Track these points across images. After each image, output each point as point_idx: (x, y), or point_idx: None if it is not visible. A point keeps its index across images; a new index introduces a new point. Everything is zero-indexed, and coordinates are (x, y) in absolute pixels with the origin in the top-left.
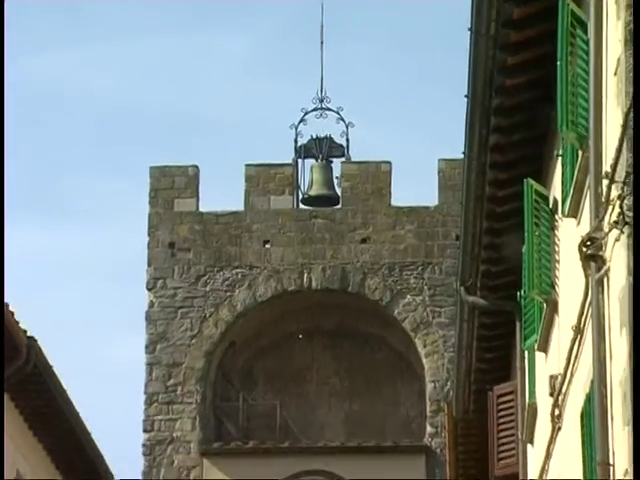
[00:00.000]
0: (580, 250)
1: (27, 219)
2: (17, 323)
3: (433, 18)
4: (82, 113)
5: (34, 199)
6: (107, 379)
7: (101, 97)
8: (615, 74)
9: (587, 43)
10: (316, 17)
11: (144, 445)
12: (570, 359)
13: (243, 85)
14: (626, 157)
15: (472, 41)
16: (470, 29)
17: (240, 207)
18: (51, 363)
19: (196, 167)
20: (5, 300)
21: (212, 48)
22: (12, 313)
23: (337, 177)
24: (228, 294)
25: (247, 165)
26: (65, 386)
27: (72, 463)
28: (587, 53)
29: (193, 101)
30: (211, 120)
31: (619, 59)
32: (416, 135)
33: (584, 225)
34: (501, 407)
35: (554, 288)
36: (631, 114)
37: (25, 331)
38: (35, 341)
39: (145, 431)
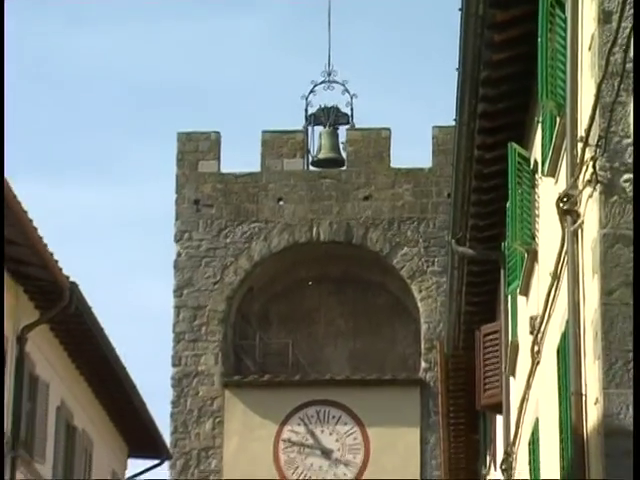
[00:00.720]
0: (557, 206)
1: (70, 179)
2: (60, 269)
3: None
4: (118, 86)
5: (78, 161)
6: (140, 320)
7: (133, 72)
8: (589, 49)
9: (565, 21)
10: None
11: (173, 378)
12: (548, 302)
13: (259, 61)
14: (598, 123)
15: (462, 20)
16: (461, 9)
17: (257, 168)
18: (90, 305)
19: (218, 133)
20: (49, 249)
21: (231, 29)
22: (56, 261)
23: (342, 142)
24: (246, 245)
25: (263, 131)
26: (103, 325)
27: (109, 393)
28: (565, 30)
29: (215, 76)
30: (231, 92)
31: (593, 35)
32: (413, 104)
33: (561, 183)
34: (487, 345)
35: (534, 239)
36: (603, 84)
37: (67, 277)
38: (76, 285)
39: (174, 365)
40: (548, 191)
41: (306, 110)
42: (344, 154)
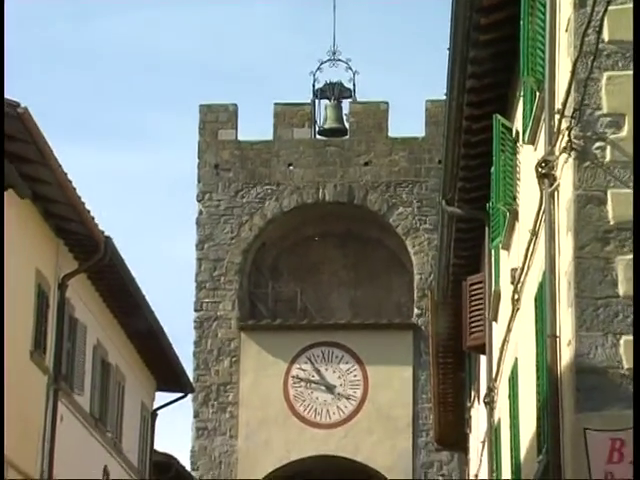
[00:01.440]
0: (536, 170)
1: (106, 145)
2: (96, 225)
3: None
4: (149, 64)
5: (113, 130)
6: (166, 271)
7: (162, 50)
8: (566, 30)
9: (544, 6)
10: None
11: (195, 321)
12: (527, 255)
13: (272, 41)
14: (574, 97)
15: (453, 5)
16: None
17: (269, 137)
18: (123, 257)
19: (235, 105)
20: (87, 207)
21: (247, 13)
22: (93, 217)
23: (346, 114)
24: (260, 205)
25: (275, 104)
26: (134, 275)
27: (139, 334)
28: (544, 14)
29: (233, 54)
30: (247, 69)
31: (569, 19)
32: (408, 80)
33: (540, 150)
34: (472, 293)
35: (515, 200)
36: (578, 62)
37: (103, 232)
38: (110, 239)
39: (196, 311)
40: (528, 157)
41: (313, 85)
42: (347, 124)
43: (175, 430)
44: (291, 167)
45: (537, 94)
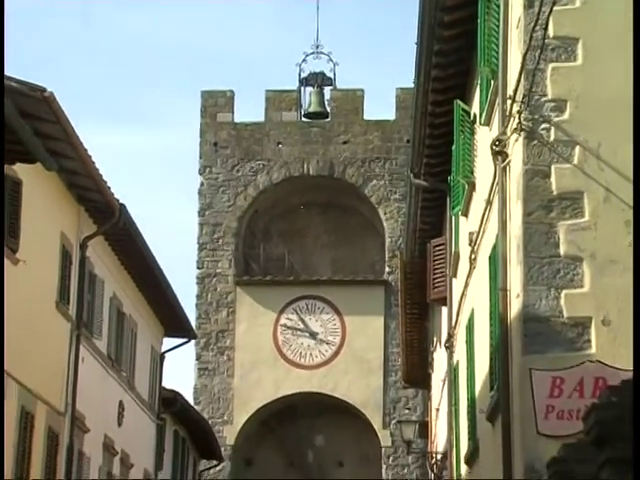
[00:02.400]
0: (491, 148)
1: (121, 124)
2: (112, 194)
3: None
4: (158, 55)
5: (127, 112)
6: (172, 234)
7: (168, 43)
8: (517, 28)
9: (498, 7)
10: None
11: (197, 277)
12: (482, 221)
13: (263, 36)
14: (523, 85)
15: (420, 4)
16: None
17: (261, 119)
18: (135, 221)
19: (232, 91)
20: (104, 178)
21: (242, 10)
22: (109, 187)
23: (327, 100)
24: (253, 178)
25: (266, 90)
26: (144, 236)
27: (150, 287)
28: (498, 14)
29: (230, 46)
30: (242, 59)
31: (520, 17)
32: (381, 70)
33: (494, 131)
34: (436, 253)
35: (473, 174)
36: (527, 55)
37: (118, 199)
38: (124, 206)
39: (198, 268)
40: (484, 137)
41: (299, 74)
42: (328, 109)
43: (180, 370)
44: (280, 145)
45: (492, 82)
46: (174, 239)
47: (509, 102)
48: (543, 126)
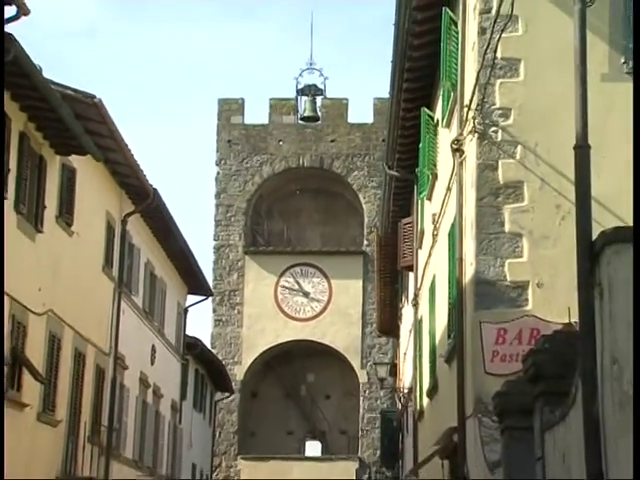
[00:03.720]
0: (451, 146)
1: (155, 125)
2: (147, 180)
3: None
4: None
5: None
6: (194, 212)
7: (191, 58)
8: (472, 50)
9: (457, 33)
10: (308, 17)
11: (214, 247)
12: (443, 204)
13: (269, 56)
14: (477, 96)
15: (395, 31)
16: (394, 24)
17: (266, 121)
18: (165, 202)
19: (242, 99)
20: (141, 167)
21: (252, 35)
22: (145, 175)
23: (319, 106)
24: (259, 168)
25: (270, 98)
26: (173, 214)
27: (176, 255)
28: (457, 39)
29: (242, 64)
30: (252, 74)
31: (474, 42)
32: (362, 83)
33: (453, 132)
34: (405, 230)
35: (435, 166)
36: (480, 73)
37: (151, 184)
38: (157, 190)
39: (214, 240)
40: (445, 137)
41: (296, 86)
42: (319, 114)
43: (200, 321)
44: (281, 142)
45: (452, 94)
46: (196, 216)
47: (465, 110)
48: (492, 129)
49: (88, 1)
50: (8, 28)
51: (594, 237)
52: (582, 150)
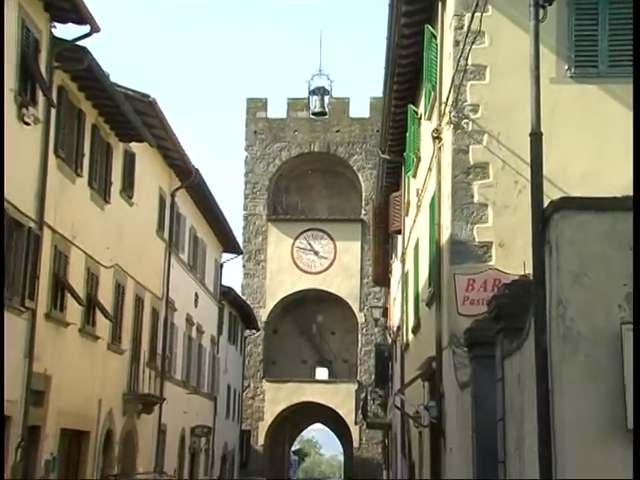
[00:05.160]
0: (431, 134)
1: (198, 117)
2: (191, 161)
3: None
4: (221, 72)
5: (201, 108)
6: (228, 188)
7: (227, 67)
8: (448, 58)
9: (436, 45)
10: (317, 27)
11: (243, 216)
12: (425, 181)
13: (287, 63)
14: (452, 95)
15: (387, 44)
16: (387, 38)
17: (284, 116)
18: (205, 179)
19: (266, 98)
20: (186, 151)
21: (273, 48)
22: (189, 157)
23: (326, 104)
24: (279, 153)
25: (288, 98)
26: (211, 189)
27: (214, 220)
28: (436, 49)
29: (266, 69)
30: (273, 77)
31: (450, 52)
32: (360, 85)
33: (433, 124)
34: (395, 202)
35: (419, 151)
36: (455, 76)
37: (194, 165)
38: (198, 169)
39: (244, 210)
40: (427, 128)
41: (309, 87)
42: (327, 110)
43: (233, 274)
44: (296, 132)
45: (432, 93)
46: (229, 192)
47: (443, 105)
48: (464, 121)
49: (142, 18)
50: (83, 42)
51: (545, 205)
52: (536, 137)
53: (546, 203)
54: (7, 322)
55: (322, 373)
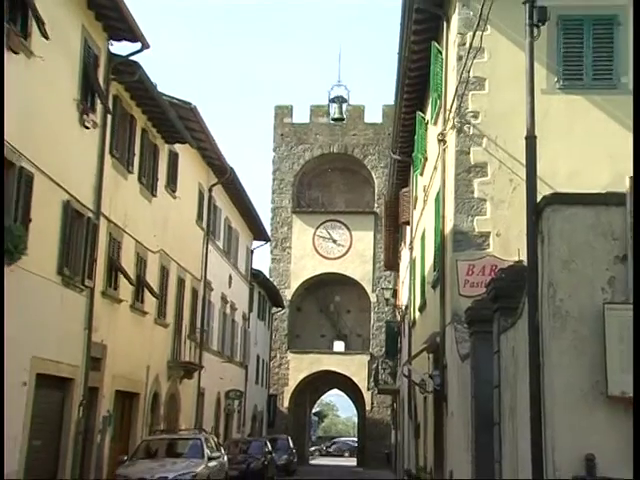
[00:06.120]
0: (437, 138)
1: (231, 124)
2: (225, 159)
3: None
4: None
5: (232, 116)
6: (258, 185)
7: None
8: (452, 71)
9: (442, 59)
10: (337, 43)
11: (271, 208)
12: (431, 178)
13: (311, 76)
14: (456, 103)
15: (399, 57)
16: (398, 53)
17: (307, 121)
18: (239, 176)
19: (292, 105)
20: (221, 151)
21: (295, 58)
22: (225, 157)
23: (344, 110)
24: (302, 153)
25: (311, 105)
26: (244, 185)
27: (246, 213)
28: (442, 63)
29: (291, 81)
30: (298, 88)
31: (454, 65)
32: (375, 94)
33: (439, 128)
34: (404, 197)
35: (426, 152)
36: (458, 87)
37: (229, 164)
38: (233, 168)
39: (271, 203)
40: (433, 131)
41: (329, 96)
42: (345, 116)
43: (262, 259)
44: (317, 135)
45: (438, 101)
46: (259, 187)
47: (447, 112)
48: (466, 126)
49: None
50: (135, 57)
51: (538, 200)
52: (531, 140)
53: (539, 198)
54: (70, 298)
55: (339, 346)
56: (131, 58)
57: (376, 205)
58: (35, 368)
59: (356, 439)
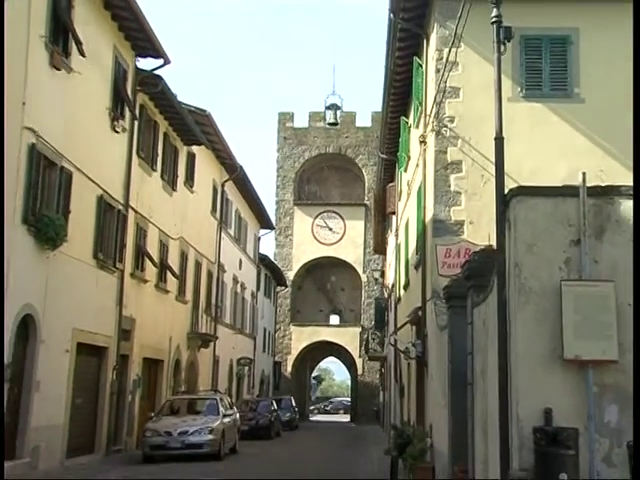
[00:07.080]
0: (419, 139)
1: (240, 126)
2: (235, 159)
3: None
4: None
5: (243, 120)
6: (264, 181)
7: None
8: (432, 81)
9: (423, 72)
10: (331, 58)
11: (275, 201)
12: (414, 174)
13: (308, 86)
14: (435, 109)
15: (385, 69)
16: (385, 67)
17: (306, 125)
18: (248, 174)
19: (293, 112)
20: (233, 151)
21: (296, 70)
22: (235, 157)
23: (338, 116)
24: (302, 153)
25: (309, 112)
26: (252, 181)
27: (253, 204)
28: (422, 75)
29: (293, 92)
30: (298, 98)
31: (433, 77)
32: (364, 101)
33: (420, 131)
34: (390, 191)
35: (409, 151)
36: (437, 95)
37: (239, 162)
38: (242, 166)
39: (276, 196)
40: (415, 134)
41: (325, 103)
42: (339, 121)
43: (267, 245)
44: (315, 138)
45: (419, 107)
46: (265, 183)
47: (427, 117)
48: (444, 129)
49: (202, 53)
50: (158, 71)
51: (505, 192)
52: (499, 141)
53: (506, 191)
54: (103, 279)
55: (334, 319)
56: (155, 72)
57: (366, 198)
58: (76, 338)
59: (349, 399)
